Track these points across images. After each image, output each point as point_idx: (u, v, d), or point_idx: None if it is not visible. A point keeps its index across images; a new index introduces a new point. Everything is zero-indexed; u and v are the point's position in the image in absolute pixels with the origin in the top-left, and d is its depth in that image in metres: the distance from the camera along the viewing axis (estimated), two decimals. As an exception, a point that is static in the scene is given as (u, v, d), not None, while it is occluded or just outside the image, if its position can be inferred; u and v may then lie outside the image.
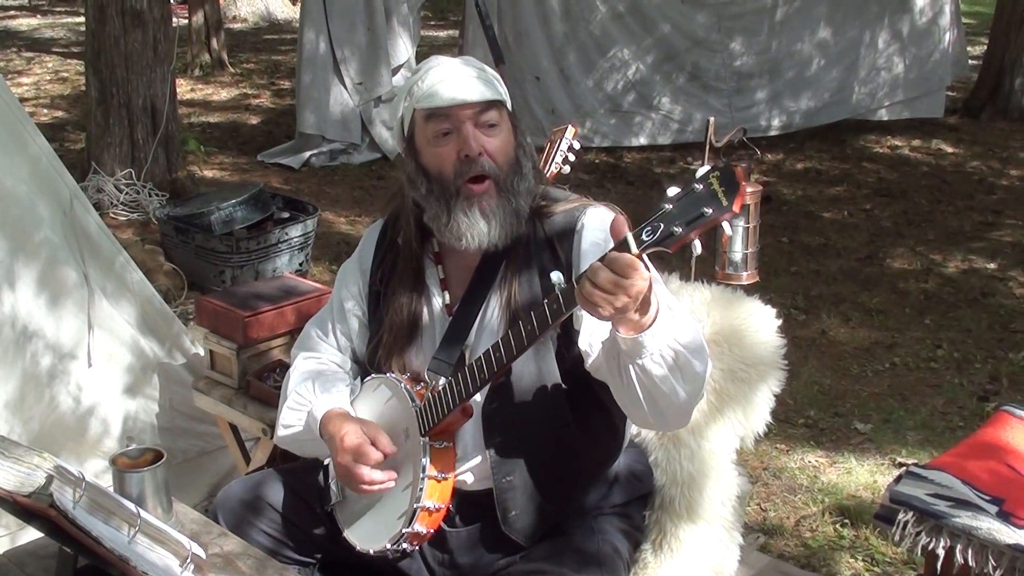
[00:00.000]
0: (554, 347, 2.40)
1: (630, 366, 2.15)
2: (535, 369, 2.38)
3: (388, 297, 2.58)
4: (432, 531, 2.42)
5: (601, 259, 1.98)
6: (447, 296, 2.53)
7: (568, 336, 2.39)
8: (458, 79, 2.40)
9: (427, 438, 2.37)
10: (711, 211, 1.90)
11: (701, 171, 1.94)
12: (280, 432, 2.63)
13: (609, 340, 2.20)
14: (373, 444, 2.37)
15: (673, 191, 1.95)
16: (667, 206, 1.94)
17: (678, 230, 1.92)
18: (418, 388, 2.44)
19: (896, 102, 9.98)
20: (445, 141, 2.39)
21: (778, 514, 4.15)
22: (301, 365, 2.70)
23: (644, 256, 1.96)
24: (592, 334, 2.33)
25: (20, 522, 2.22)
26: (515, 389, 2.39)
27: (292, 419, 2.60)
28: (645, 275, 1.97)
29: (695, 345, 2.17)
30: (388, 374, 2.50)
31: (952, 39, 10.00)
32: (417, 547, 2.46)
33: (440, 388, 2.36)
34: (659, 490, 2.71)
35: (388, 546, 2.40)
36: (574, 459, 2.47)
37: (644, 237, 1.95)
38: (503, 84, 2.50)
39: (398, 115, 2.50)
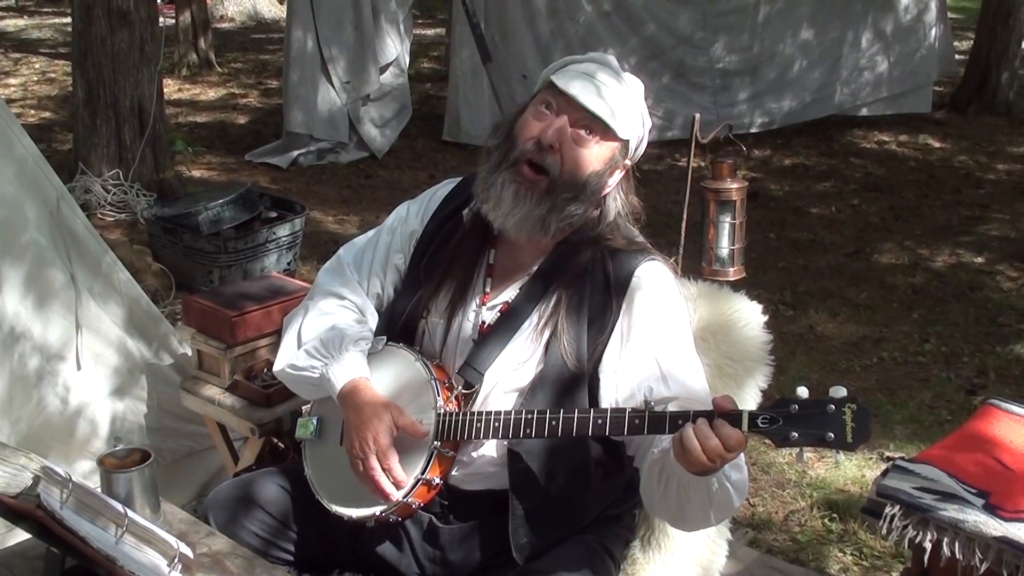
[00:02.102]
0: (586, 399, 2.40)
1: (674, 484, 2.19)
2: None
3: (438, 260, 2.55)
4: (401, 519, 2.45)
5: (711, 421, 2.02)
6: (489, 283, 2.52)
7: (594, 396, 2.39)
8: (596, 82, 2.36)
9: (438, 443, 2.37)
10: (832, 438, 1.97)
11: (840, 392, 2.01)
12: (287, 370, 2.58)
13: (662, 451, 2.22)
14: (403, 429, 2.36)
15: (804, 392, 2.02)
16: (794, 407, 2.00)
17: (794, 435, 1.99)
18: (444, 384, 2.42)
19: (880, 99, 10.01)
20: (541, 115, 2.38)
21: (767, 509, 4.16)
22: (325, 305, 2.63)
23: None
24: (616, 401, 2.35)
25: (8, 524, 2.22)
26: None
27: (306, 363, 2.53)
28: (744, 448, 2.04)
29: (741, 484, 2.21)
30: (421, 355, 2.47)
31: (938, 35, 10.02)
32: (379, 523, 2.46)
33: (463, 407, 2.39)
34: (647, 486, 2.71)
35: (353, 516, 2.41)
36: (587, 492, 2.48)
37: (759, 424, 2.01)
38: (644, 126, 2.45)
39: (543, 75, 2.46)
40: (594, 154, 2.38)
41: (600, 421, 2.18)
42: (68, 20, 10.22)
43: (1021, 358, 5.52)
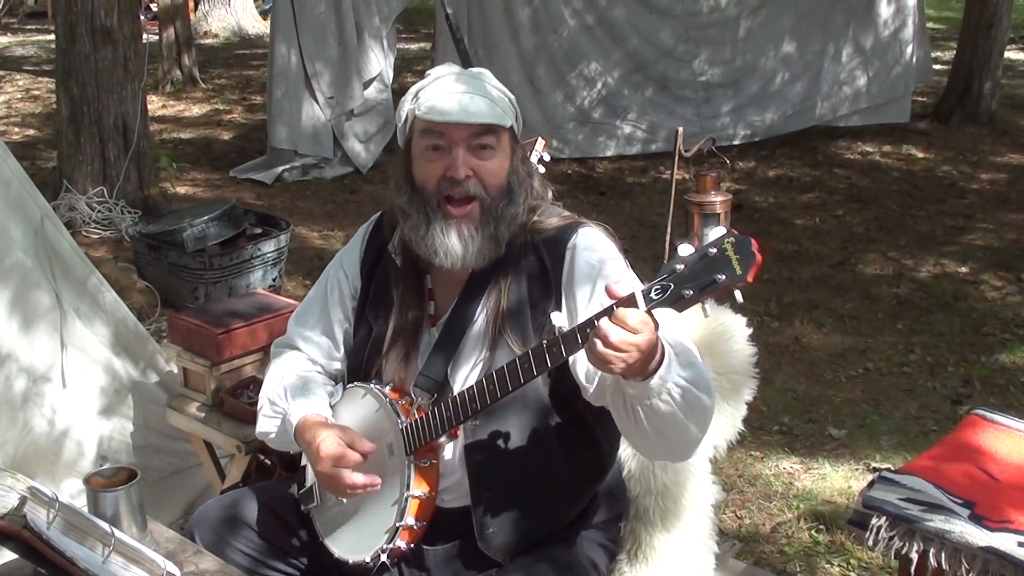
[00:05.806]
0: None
1: (638, 407, 2.15)
2: (522, 390, 2.31)
3: (381, 301, 2.57)
4: (411, 545, 2.44)
5: (610, 316, 1.97)
6: (432, 306, 2.53)
7: (567, 373, 2.36)
8: (462, 96, 2.36)
9: (412, 456, 2.38)
10: (724, 278, 1.91)
11: (716, 233, 1.95)
12: (259, 435, 2.69)
13: (614, 383, 2.20)
14: (351, 447, 2.37)
15: (686, 250, 1.96)
16: (679, 266, 1.95)
17: (688, 292, 1.94)
18: (402, 403, 2.43)
19: (859, 110, 10.05)
20: (435, 156, 2.38)
21: (754, 521, 4.17)
22: (278, 368, 2.68)
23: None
24: (589, 365, 2.30)
25: (-6, 545, 2.21)
26: (499, 408, 2.36)
27: (269, 427, 2.62)
28: (654, 330, 1.99)
29: (701, 380, 2.17)
30: (373, 384, 2.48)
31: (916, 48, 10.06)
32: (395, 559, 2.46)
33: (427, 411, 2.37)
34: (634, 500, 2.71)
35: (367, 559, 2.41)
36: (555, 478, 2.45)
37: (653, 296, 1.97)
38: (514, 104, 2.46)
39: (403, 114, 2.45)
40: (500, 155, 2.41)
41: (527, 366, 2.16)
42: (52, 37, 10.21)
43: (1006, 367, 5.54)
